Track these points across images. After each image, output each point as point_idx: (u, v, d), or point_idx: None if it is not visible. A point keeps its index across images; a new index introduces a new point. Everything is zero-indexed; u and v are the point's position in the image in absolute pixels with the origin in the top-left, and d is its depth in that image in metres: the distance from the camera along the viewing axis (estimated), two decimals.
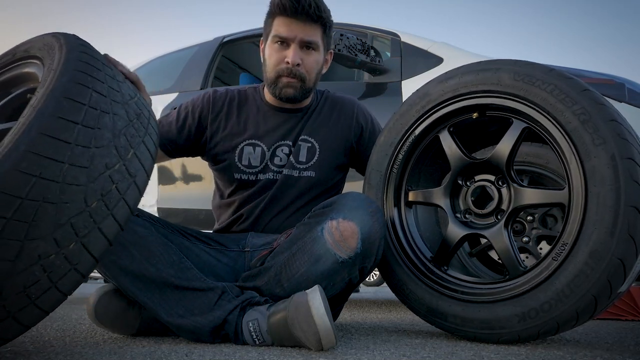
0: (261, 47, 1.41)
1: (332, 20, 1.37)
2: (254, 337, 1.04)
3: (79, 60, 0.83)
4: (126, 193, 0.83)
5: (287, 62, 1.32)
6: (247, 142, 1.39)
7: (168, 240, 1.16)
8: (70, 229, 0.74)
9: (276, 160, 1.39)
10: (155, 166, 2.58)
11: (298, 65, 1.32)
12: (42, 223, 0.71)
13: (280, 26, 1.32)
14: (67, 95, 0.77)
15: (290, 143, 1.40)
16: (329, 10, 1.35)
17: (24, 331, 0.79)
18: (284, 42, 1.32)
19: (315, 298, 0.98)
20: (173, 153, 1.45)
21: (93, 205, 0.77)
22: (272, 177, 1.38)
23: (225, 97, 1.45)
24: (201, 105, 1.43)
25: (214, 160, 1.44)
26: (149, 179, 0.90)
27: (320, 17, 1.31)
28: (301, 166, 1.38)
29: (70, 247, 0.75)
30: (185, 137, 1.43)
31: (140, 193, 0.87)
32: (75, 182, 0.74)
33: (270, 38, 1.35)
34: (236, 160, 1.39)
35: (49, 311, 0.79)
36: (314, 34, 1.33)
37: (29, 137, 0.71)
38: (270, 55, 1.35)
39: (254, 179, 1.38)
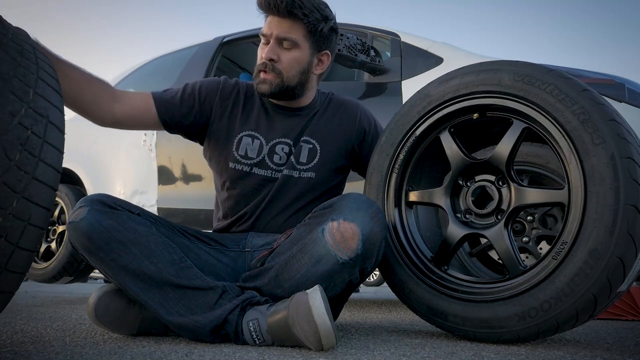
0: None
1: (321, 20, 1.32)
2: (254, 336, 1.04)
3: None
4: (46, 135, 0.78)
5: (262, 58, 1.33)
6: (247, 133, 1.40)
7: (169, 240, 1.16)
8: (6, 188, 0.72)
9: (275, 158, 1.38)
10: (155, 166, 2.60)
11: (272, 60, 1.32)
12: None
13: (264, 24, 1.34)
14: None
15: (291, 142, 1.40)
16: (317, 9, 1.31)
17: (9, 298, 0.79)
18: (267, 40, 1.34)
19: (315, 298, 0.98)
20: (170, 125, 1.39)
21: (17, 158, 0.73)
22: (270, 175, 1.37)
23: (234, 86, 1.45)
24: (211, 86, 1.43)
25: (210, 146, 1.43)
26: (64, 115, 0.86)
27: (291, 13, 1.28)
28: (302, 167, 1.38)
29: (14, 206, 0.73)
30: (186, 112, 1.39)
31: (61, 131, 0.82)
32: None
33: None
34: (233, 149, 1.38)
35: (25, 272, 0.79)
36: (292, 31, 1.31)
37: None
38: (258, 52, 1.38)
39: (248, 170, 1.37)
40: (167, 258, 1.11)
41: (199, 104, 1.40)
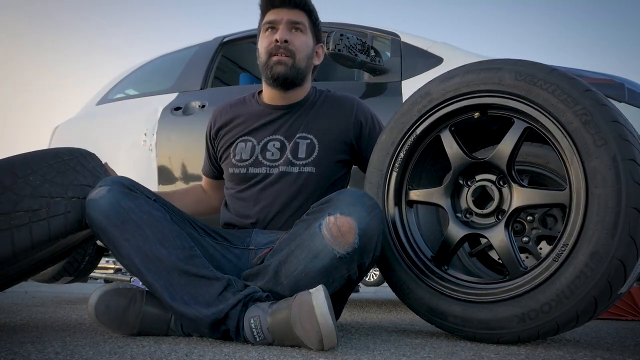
0: (258, 46, 1.49)
1: (317, 13, 1.47)
2: (255, 333, 1.04)
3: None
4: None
5: (276, 40, 1.40)
6: (241, 138, 1.47)
7: (180, 228, 1.19)
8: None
9: (268, 155, 1.42)
10: (155, 166, 2.60)
11: (286, 41, 1.39)
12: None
13: (269, 16, 1.43)
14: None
15: (282, 138, 1.44)
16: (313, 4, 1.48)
17: None
18: (273, 28, 1.42)
19: (318, 297, 0.98)
20: (219, 176, 1.62)
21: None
22: (265, 171, 1.41)
23: (223, 107, 1.57)
24: (209, 126, 1.57)
25: (222, 162, 1.54)
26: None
27: (304, 3, 1.43)
28: (301, 162, 1.40)
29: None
30: (214, 160, 1.59)
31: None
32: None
33: (261, 30, 1.46)
34: (231, 156, 1.46)
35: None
36: (301, 17, 1.43)
37: None
38: (261, 42, 1.45)
39: (244, 171, 1.43)
40: (178, 244, 1.14)
41: (211, 146, 1.58)
